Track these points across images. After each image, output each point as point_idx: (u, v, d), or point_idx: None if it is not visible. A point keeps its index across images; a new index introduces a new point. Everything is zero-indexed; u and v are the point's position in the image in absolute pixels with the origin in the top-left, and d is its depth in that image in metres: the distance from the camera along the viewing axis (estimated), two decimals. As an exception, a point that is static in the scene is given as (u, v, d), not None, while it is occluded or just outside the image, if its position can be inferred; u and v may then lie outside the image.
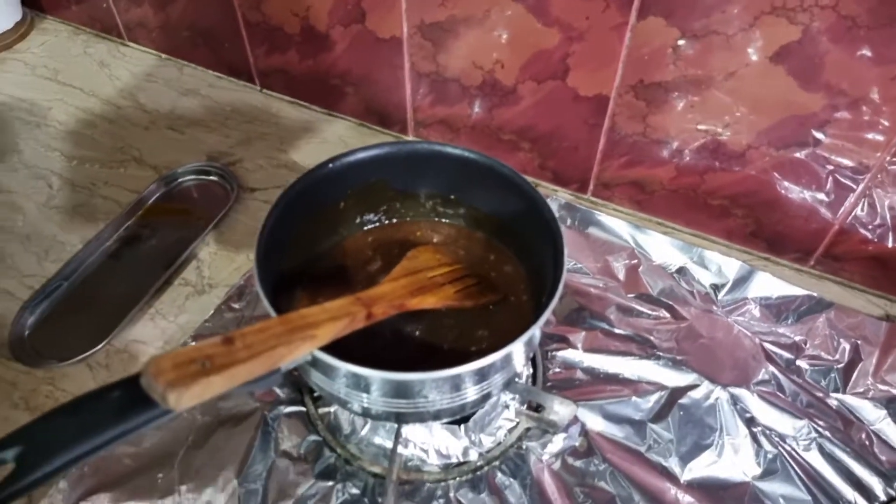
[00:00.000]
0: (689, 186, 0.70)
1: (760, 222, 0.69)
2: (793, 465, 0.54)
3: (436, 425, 0.54)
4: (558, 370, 0.61)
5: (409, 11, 0.71)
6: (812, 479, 0.53)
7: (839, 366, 0.60)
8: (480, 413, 0.55)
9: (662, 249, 0.69)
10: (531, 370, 0.61)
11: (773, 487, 0.53)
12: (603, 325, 0.64)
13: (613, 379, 0.60)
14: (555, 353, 0.61)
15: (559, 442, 0.56)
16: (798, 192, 0.65)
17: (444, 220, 0.63)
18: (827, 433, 0.56)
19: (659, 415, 0.57)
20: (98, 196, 0.77)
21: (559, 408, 0.54)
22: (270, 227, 0.50)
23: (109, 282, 0.69)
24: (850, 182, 0.62)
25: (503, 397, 0.56)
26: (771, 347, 0.62)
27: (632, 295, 0.66)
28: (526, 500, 0.53)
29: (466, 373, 0.44)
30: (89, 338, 0.62)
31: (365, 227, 0.63)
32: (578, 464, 0.55)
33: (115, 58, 0.99)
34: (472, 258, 0.60)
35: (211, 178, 0.80)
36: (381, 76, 0.80)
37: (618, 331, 0.63)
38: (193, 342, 0.61)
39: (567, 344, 0.62)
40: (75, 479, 0.52)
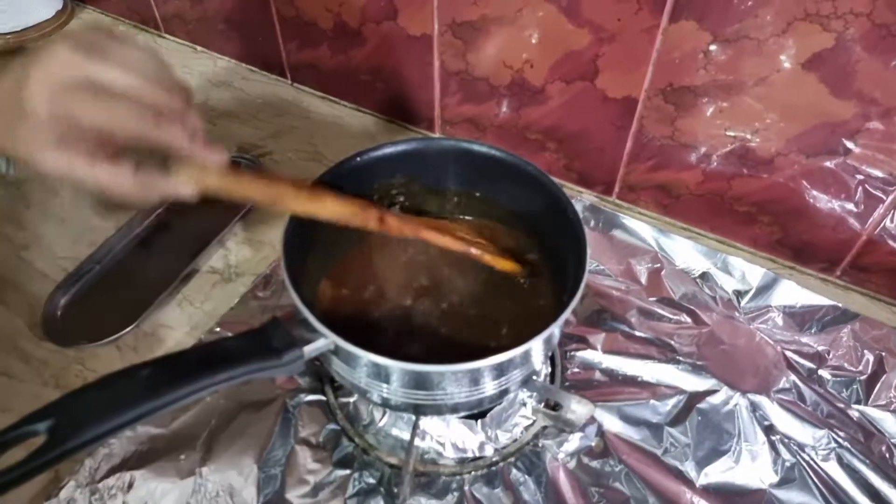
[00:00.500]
0: (715, 192, 0.70)
1: (787, 230, 0.68)
2: (811, 474, 0.54)
3: (453, 419, 0.55)
4: (577, 370, 0.61)
5: (441, 10, 0.72)
6: (830, 490, 0.53)
7: (862, 377, 0.60)
8: (498, 409, 0.55)
9: (686, 254, 0.69)
10: (550, 369, 0.61)
11: (790, 496, 0.53)
12: (623, 327, 0.64)
13: (632, 381, 0.60)
14: (574, 353, 0.62)
15: (575, 441, 0.56)
16: (826, 201, 0.64)
17: (469, 218, 0.64)
18: (847, 444, 0.55)
19: (677, 418, 0.57)
20: (131, 183, 0.79)
21: (577, 407, 0.55)
22: (298, 218, 0.51)
23: (140, 267, 0.71)
24: (879, 193, 0.61)
25: (521, 394, 0.56)
26: (793, 356, 0.61)
27: (653, 298, 0.66)
28: (540, 497, 0.53)
29: (485, 367, 0.45)
30: (119, 320, 0.64)
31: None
32: (594, 464, 0.55)
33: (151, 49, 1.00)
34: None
35: (241, 168, 0.81)
36: (411, 73, 0.80)
37: (638, 333, 0.63)
38: (219, 329, 0.62)
39: (587, 344, 0.62)
40: (100, 457, 0.54)
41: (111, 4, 1.06)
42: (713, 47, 0.59)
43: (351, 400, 0.58)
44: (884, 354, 0.61)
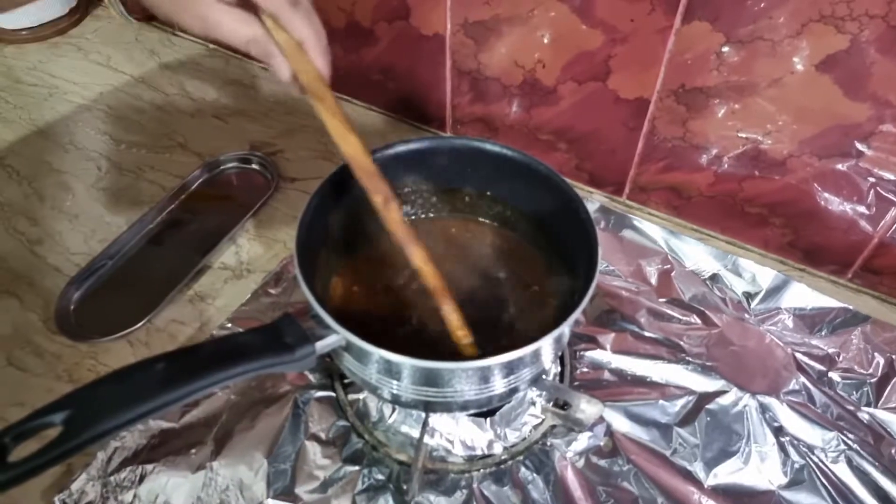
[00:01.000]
0: (727, 193, 0.69)
1: (798, 232, 0.68)
2: (820, 476, 0.54)
3: (462, 417, 0.55)
4: (586, 370, 0.61)
5: (454, 9, 0.72)
6: (839, 492, 0.53)
7: (872, 380, 0.60)
8: (507, 407, 0.55)
9: (696, 255, 0.69)
10: (559, 368, 0.61)
11: (799, 498, 0.53)
12: (633, 327, 0.64)
13: (641, 381, 0.60)
14: (583, 353, 0.62)
15: (584, 441, 0.56)
16: (838, 203, 0.64)
17: (480, 217, 0.64)
18: (856, 446, 0.55)
19: (686, 419, 0.57)
20: (144, 180, 0.80)
21: (586, 406, 0.55)
22: (310, 215, 0.51)
23: (152, 263, 0.71)
24: (892, 195, 0.61)
25: (530, 393, 0.56)
26: (803, 358, 0.61)
27: (663, 299, 0.66)
28: (549, 496, 0.53)
29: (495, 365, 0.45)
30: (131, 315, 0.64)
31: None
32: (602, 463, 0.55)
33: (165, 46, 1.01)
34: (504, 255, 0.61)
35: (252, 166, 0.82)
36: (423, 73, 0.81)
37: (648, 334, 0.63)
38: (230, 325, 0.63)
39: (596, 344, 0.62)
40: (112, 451, 0.54)
41: (127, 1, 1.07)
42: (726, 48, 0.59)
43: (361, 396, 0.58)
44: (894, 357, 0.61)
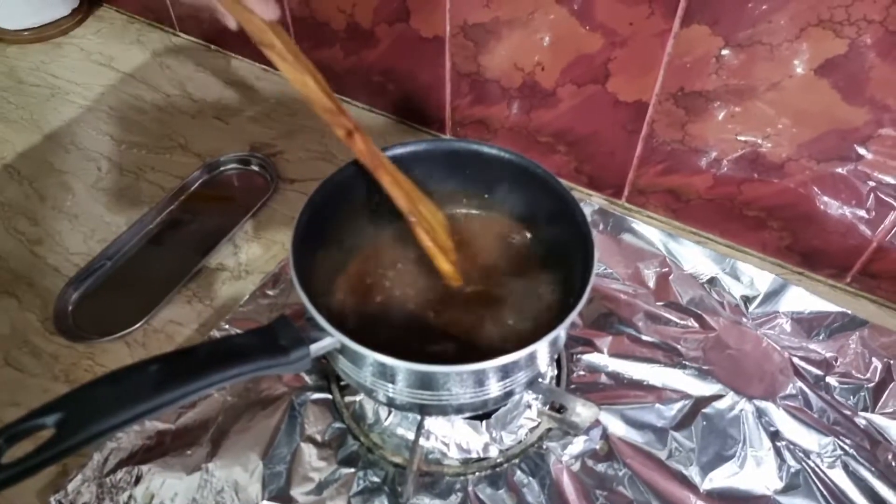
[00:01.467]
0: (725, 196, 0.69)
1: (797, 236, 0.68)
2: (816, 481, 0.54)
3: (458, 420, 0.55)
4: (582, 373, 0.61)
5: (453, 12, 0.72)
6: (835, 497, 0.53)
7: (869, 385, 0.59)
8: (503, 410, 0.55)
9: (694, 259, 0.69)
10: (555, 371, 0.61)
11: (795, 502, 0.53)
12: (630, 330, 0.64)
13: (637, 385, 0.60)
14: (580, 356, 0.62)
15: (580, 444, 0.56)
16: (837, 207, 0.64)
17: (478, 219, 0.63)
18: (853, 451, 0.55)
19: (682, 423, 0.57)
20: (144, 180, 0.80)
21: (581, 410, 0.55)
22: (307, 217, 0.52)
23: (150, 263, 0.71)
24: (891, 199, 0.61)
25: (526, 396, 0.57)
26: (800, 363, 0.61)
27: (661, 303, 0.66)
28: (544, 499, 0.53)
29: (490, 368, 0.45)
30: (129, 316, 0.65)
31: (398, 222, 0.63)
32: (598, 467, 0.55)
33: (166, 47, 1.02)
34: (501, 257, 0.61)
35: (252, 167, 0.82)
36: (422, 75, 0.81)
37: (645, 337, 0.63)
38: (228, 326, 0.63)
39: (593, 348, 0.62)
40: (108, 451, 0.54)
41: (127, 3, 1.07)
42: (725, 52, 0.59)
43: (357, 399, 0.58)
44: (892, 362, 0.60)
